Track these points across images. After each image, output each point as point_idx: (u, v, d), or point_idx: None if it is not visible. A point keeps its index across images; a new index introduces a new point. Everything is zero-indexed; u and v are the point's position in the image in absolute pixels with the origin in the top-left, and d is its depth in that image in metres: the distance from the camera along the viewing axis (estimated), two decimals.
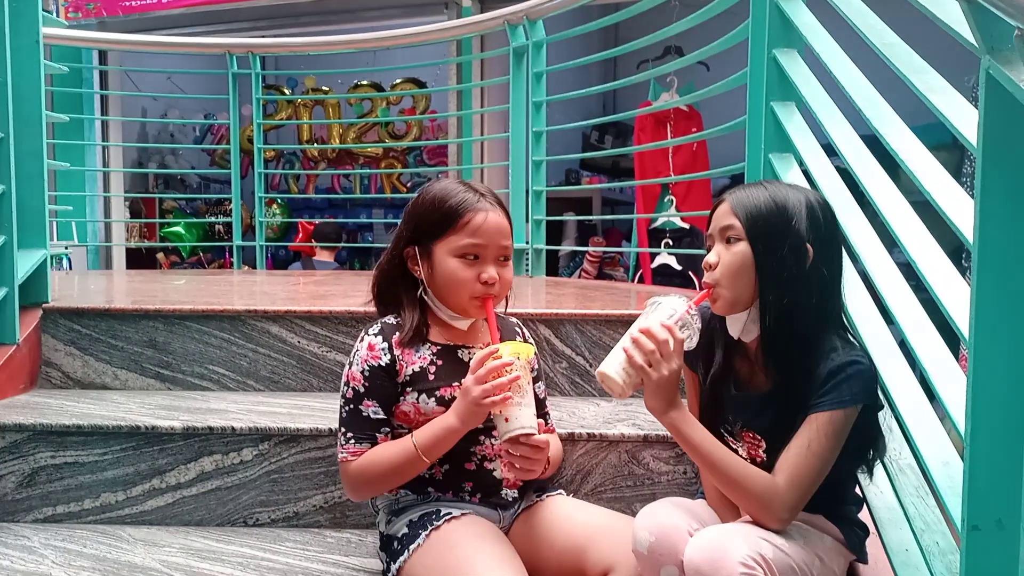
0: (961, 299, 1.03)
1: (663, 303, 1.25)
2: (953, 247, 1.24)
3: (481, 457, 1.37)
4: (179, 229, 6.70)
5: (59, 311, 2.03)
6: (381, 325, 1.38)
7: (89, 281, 3.21)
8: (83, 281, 3.19)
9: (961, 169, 4.12)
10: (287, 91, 6.95)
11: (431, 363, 1.36)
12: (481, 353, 1.28)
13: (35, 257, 2.06)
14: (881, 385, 1.26)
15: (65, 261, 5.12)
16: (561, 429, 1.58)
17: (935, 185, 1.13)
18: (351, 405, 1.34)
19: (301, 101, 6.83)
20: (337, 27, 5.44)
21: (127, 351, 2.01)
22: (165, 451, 1.65)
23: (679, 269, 4.45)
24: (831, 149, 1.66)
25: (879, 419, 1.25)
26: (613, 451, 1.61)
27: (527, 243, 3.41)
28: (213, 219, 6.80)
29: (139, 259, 6.55)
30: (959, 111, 1.06)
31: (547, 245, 3.46)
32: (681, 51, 4.45)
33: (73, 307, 2.04)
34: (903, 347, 1.29)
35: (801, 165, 1.82)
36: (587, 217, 5.45)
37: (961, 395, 0.96)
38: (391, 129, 6.76)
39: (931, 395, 1.17)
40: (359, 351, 1.36)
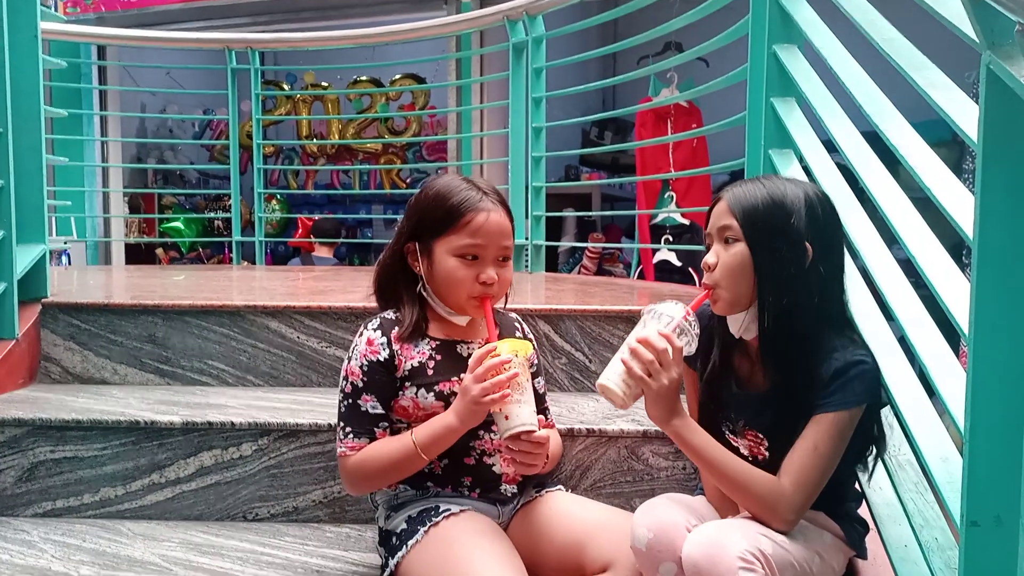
0: (961, 295, 1.03)
1: (660, 311, 1.24)
2: (953, 243, 1.23)
3: (480, 452, 1.37)
4: (178, 225, 6.70)
5: (58, 306, 2.02)
6: (380, 320, 1.38)
7: (88, 276, 3.20)
8: (82, 276, 3.18)
9: (961, 165, 4.13)
10: (286, 86, 6.94)
11: (430, 358, 1.36)
12: (479, 351, 1.28)
13: (34, 252, 2.06)
14: (881, 381, 1.26)
15: (64, 257, 5.11)
16: (560, 425, 1.58)
17: (935, 181, 1.13)
18: (350, 400, 1.34)
19: (300, 97, 6.82)
20: (336, 22, 5.44)
21: (126, 346, 2.01)
22: (164, 446, 1.65)
23: (679, 265, 4.45)
24: (831, 145, 1.66)
25: (881, 417, 1.25)
26: (612, 447, 1.62)
27: (527, 239, 3.41)
28: (212, 215, 6.81)
29: (138, 255, 6.56)
30: (960, 107, 1.06)
31: (547, 241, 3.46)
32: (681, 47, 4.44)
33: (72, 302, 2.03)
34: (903, 343, 1.29)
35: (801, 161, 1.82)
36: (587, 213, 5.44)
37: (961, 391, 0.96)
38: (390, 125, 6.75)
39: (931, 391, 1.17)
40: (358, 346, 1.36)
